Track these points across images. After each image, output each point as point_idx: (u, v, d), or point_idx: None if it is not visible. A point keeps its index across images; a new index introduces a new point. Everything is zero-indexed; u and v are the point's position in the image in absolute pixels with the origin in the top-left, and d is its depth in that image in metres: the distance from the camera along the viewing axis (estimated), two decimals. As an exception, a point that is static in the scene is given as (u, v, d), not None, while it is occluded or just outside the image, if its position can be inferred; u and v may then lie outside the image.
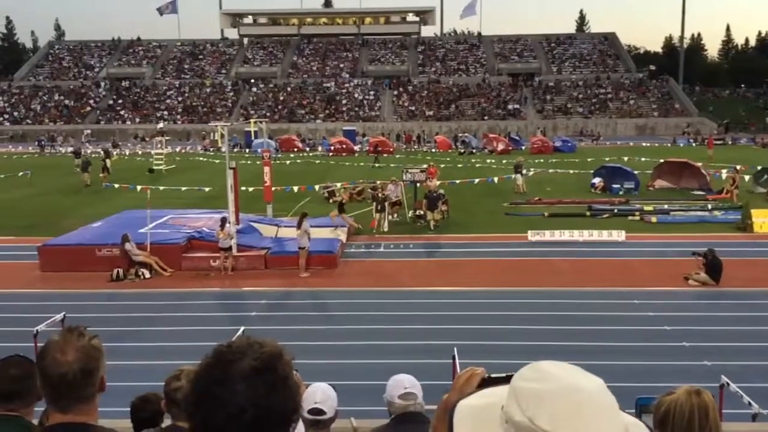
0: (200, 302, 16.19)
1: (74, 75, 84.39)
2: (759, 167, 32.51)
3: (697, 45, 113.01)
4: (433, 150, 55.49)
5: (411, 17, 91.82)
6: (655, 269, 18.06)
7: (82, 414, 2.31)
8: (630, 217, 24.91)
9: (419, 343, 12.72)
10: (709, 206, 26.83)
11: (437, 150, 55.05)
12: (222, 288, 17.42)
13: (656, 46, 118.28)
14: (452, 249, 21.02)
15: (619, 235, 21.45)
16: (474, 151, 52.70)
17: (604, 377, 1.19)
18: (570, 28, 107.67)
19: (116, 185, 33.09)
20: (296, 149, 55.49)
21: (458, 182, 30.26)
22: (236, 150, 51.38)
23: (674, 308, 15.00)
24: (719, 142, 55.78)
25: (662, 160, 34.08)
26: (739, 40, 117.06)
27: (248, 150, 51.70)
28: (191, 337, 13.07)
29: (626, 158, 42.64)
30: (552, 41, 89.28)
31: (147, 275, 18.14)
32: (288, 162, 45.87)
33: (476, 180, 31.02)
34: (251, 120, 32.34)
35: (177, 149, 55.48)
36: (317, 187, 29.78)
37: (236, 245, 18.77)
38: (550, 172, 38.45)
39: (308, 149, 56.79)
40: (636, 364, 11.63)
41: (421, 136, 62.19)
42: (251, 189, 27.33)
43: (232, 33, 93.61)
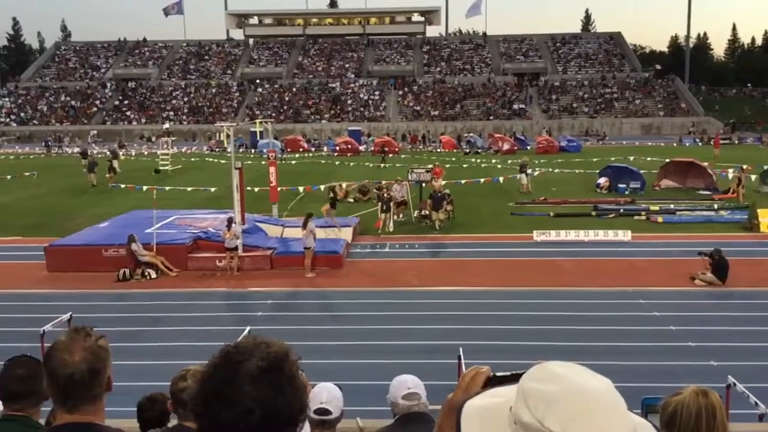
0: (206, 302, 16.22)
1: (80, 76, 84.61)
2: (765, 167, 32.41)
3: (703, 44, 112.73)
4: (439, 150, 55.50)
5: (416, 17, 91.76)
6: (661, 269, 18.02)
7: (89, 414, 2.31)
8: (636, 217, 24.85)
9: (425, 343, 12.72)
10: (716, 206, 26.73)
11: (442, 150, 55.06)
12: (228, 288, 17.45)
13: (662, 46, 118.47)
14: (457, 249, 21.01)
15: (625, 235, 21.40)
16: (479, 151, 52.65)
17: (610, 377, 1.19)
18: (575, 28, 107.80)
19: (122, 186, 33.19)
20: (301, 149, 55.54)
21: (463, 182, 30.22)
22: (242, 150, 51.50)
23: (680, 308, 14.96)
24: (725, 142, 55.59)
25: (668, 160, 33.98)
26: (746, 40, 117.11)
27: (254, 150, 51.82)
28: (197, 337, 13.11)
29: (632, 158, 42.56)
30: (557, 41, 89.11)
31: (153, 275, 18.18)
32: (293, 162, 45.92)
33: (481, 180, 30.99)
34: (257, 120, 32.38)
35: (183, 150, 55.60)
36: (323, 188, 29.78)
37: (242, 245, 18.81)
38: (556, 172, 38.38)
39: (313, 149, 56.85)
40: (642, 364, 11.60)
41: (426, 136, 62.16)
42: (257, 189, 27.37)
43: (238, 34, 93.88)
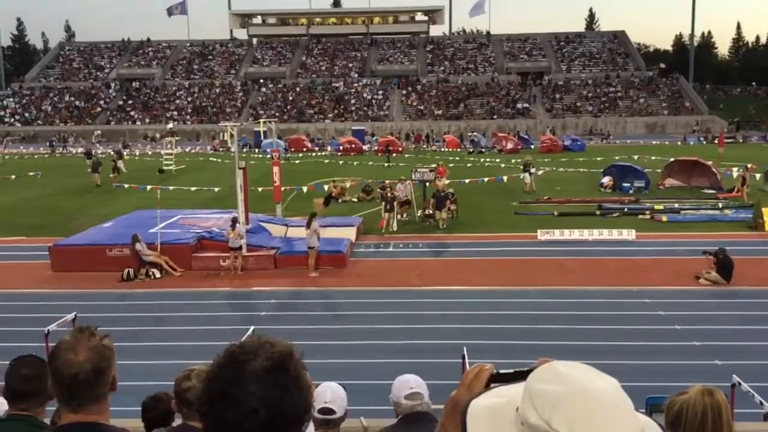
0: (210, 302, 16.24)
1: (84, 76, 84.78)
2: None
3: (708, 43, 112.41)
4: (443, 149, 55.47)
5: (420, 16, 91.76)
6: (666, 268, 17.98)
7: (94, 413, 2.32)
8: (640, 216, 24.80)
9: (429, 343, 12.71)
10: (720, 205, 26.68)
11: (446, 149, 55.03)
12: (232, 288, 17.46)
13: (666, 45, 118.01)
14: (461, 248, 20.99)
15: (630, 234, 21.36)
16: (483, 151, 52.62)
17: (615, 376, 1.18)
18: (579, 27, 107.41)
19: (126, 185, 33.23)
20: (305, 149, 55.56)
21: (467, 181, 30.19)
22: (245, 150, 51.53)
23: (685, 307, 14.93)
24: (730, 141, 55.46)
25: (672, 159, 33.91)
26: (750, 38, 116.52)
27: (257, 150, 51.85)
28: (201, 337, 13.12)
29: (636, 157, 42.51)
30: (561, 40, 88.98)
31: (157, 275, 18.21)
32: (297, 162, 45.94)
33: (485, 179, 30.95)
34: (260, 120, 32.41)
35: (187, 149, 55.66)
36: (326, 187, 29.79)
37: (246, 245, 18.83)
38: (560, 171, 38.33)
39: (317, 149, 56.86)
40: (646, 364, 11.58)
41: (430, 136, 62.13)
42: (260, 189, 27.38)
43: (242, 33, 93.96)
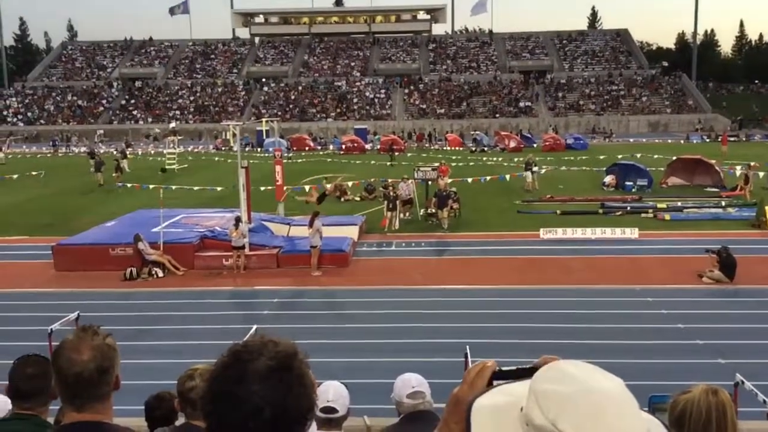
0: (213, 301, 16.26)
1: (87, 75, 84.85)
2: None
3: (711, 41, 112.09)
4: (445, 148, 55.45)
5: (422, 15, 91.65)
6: (669, 267, 17.97)
7: (98, 412, 2.32)
8: (643, 215, 24.76)
9: (431, 342, 12.71)
10: (723, 203, 26.64)
11: (449, 148, 55.01)
12: (234, 287, 17.49)
13: (669, 43, 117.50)
14: (464, 247, 20.99)
15: (632, 233, 21.33)
16: (485, 149, 52.58)
17: (618, 375, 1.18)
18: (582, 25, 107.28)
19: (129, 185, 33.27)
20: (308, 148, 55.57)
21: (470, 180, 30.17)
22: (248, 149, 51.55)
23: (688, 306, 14.92)
24: (733, 139, 55.37)
25: (675, 157, 33.85)
26: (753, 36, 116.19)
27: (260, 149, 51.88)
28: (204, 336, 13.14)
29: (639, 155, 42.44)
30: (564, 38, 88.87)
31: (160, 274, 18.22)
32: (300, 161, 45.94)
33: (488, 178, 30.93)
34: (263, 119, 32.45)
35: (189, 149, 55.70)
36: (329, 186, 29.79)
37: (248, 244, 18.83)
38: (562, 170, 38.29)
39: (320, 148, 56.88)
40: (649, 363, 11.56)
41: (433, 135, 62.10)
42: (262, 188, 27.39)
43: (244, 32, 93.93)
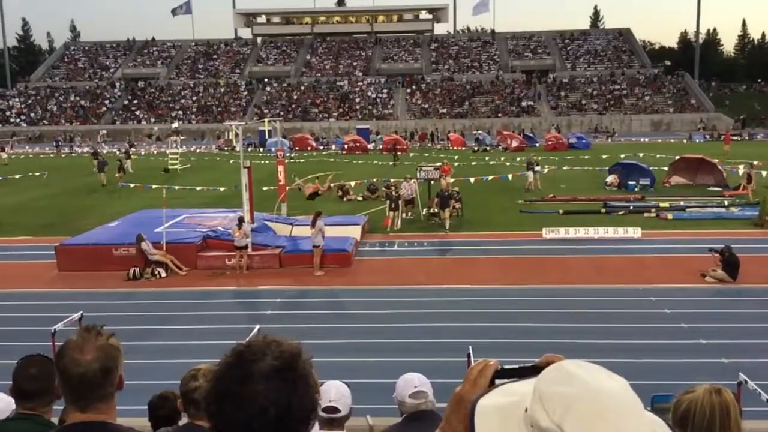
0: (216, 301, 16.28)
1: (90, 76, 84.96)
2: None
3: (713, 40, 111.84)
4: (448, 147, 55.44)
5: (424, 15, 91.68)
6: (672, 266, 17.94)
7: (101, 412, 2.32)
8: (646, 214, 24.72)
9: (434, 341, 12.71)
10: (726, 202, 26.60)
11: (451, 147, 54.99)
12: (237, 287, 17.50)
13: (671, 42, 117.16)
14: (466, 247, 20.98)
15: (635, 232, 21.32)
16: (488, 149, 52.57)
17: (620, 375, 1.18)
18: (584, 24, 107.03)
19: (132, 185, 33.31)
20: (310, 148, 55.58)
21: (472, 180, 30.15)
22: (250, 149, 51.58)
23: (691, 305, 14.90)
24: (736, 138, 55.27)
25: (678, 157, 33.82)
26: (756, 35, 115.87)
27: (262, 149, 51.90)
28: (207, 336, 13.15)
29: (641, 154, 42.39)
30: (566, 37, 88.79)
31: (163, 274, 18.24)
32: (301, 161, 45.95)
33: (490, 177, 30.91)
34: (265, 119, 32.43)
35: (192, 149, 55.75)
36: (332, 186, 29.79)
37: (251, 244, 18.84)
38: (565, 169, 38.26)
39: (322, 148, 56.88)
40: (652, 362, 11.55)
41: (435, 134, 62.08)
42: (265, 188, 27.41)
43: (246, 32, 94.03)
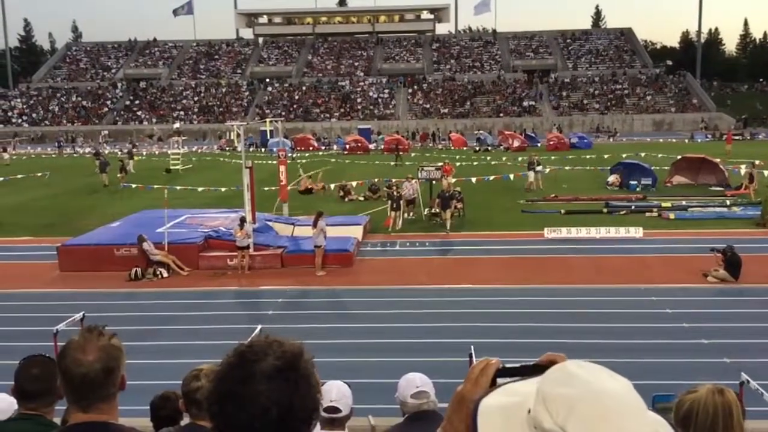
0: (218, 301, 16.29)
1: (91, 76, 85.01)
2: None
3: (715, 40, 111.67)
4: (449, 147, 55.42)
5: (425, 15, 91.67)
6: (673, 266, 17.92)
7: (103, 413, 2.33)
8: (647, 214, 24.70)
9: (435, 341, 12.71)
10: (728, 202, 26.58)
11: (453, 147, 54.98)
12: (239, 287, 17.50)
13: (673, 42, 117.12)
14: (468, 246, 20.97)
15: (637, 232, 21.30)
16: (489, 149, 52.56)
17: (623, 375, 1.18)
18: (586, 24, 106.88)
19: (134, 185, 33.33)
20: (312, 148, 55.59)
21: (474, 180, 30.14)
22: (252, 149, 51.58)
23: (693, 305, 14.89)
24: (737, 138, 55.21)
25: (680, 156, 33.79)
26: (757, 35, 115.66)
27: (263, 149, 51.92)
28: (209, 336, 13.16)
29: (643, 154, 42.35)
30: (567, 37, 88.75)
31: (165, 274, 18.26)
32: (303, 161, 45.94)
33: (491, 177, 30.90)
34: (266, 119, 32.45)
35: (193, 149, 55.78)
36: (332, 186, 29.82)
37: (252, 244, 18.85)
38: (566, 169, 38.24)
39: (323, 148, 56.90)
40: (654, 362, 11.54)
41: (436, 134, 62.07)
42: (266, 188, 27.41)
43: (247, 33, 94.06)
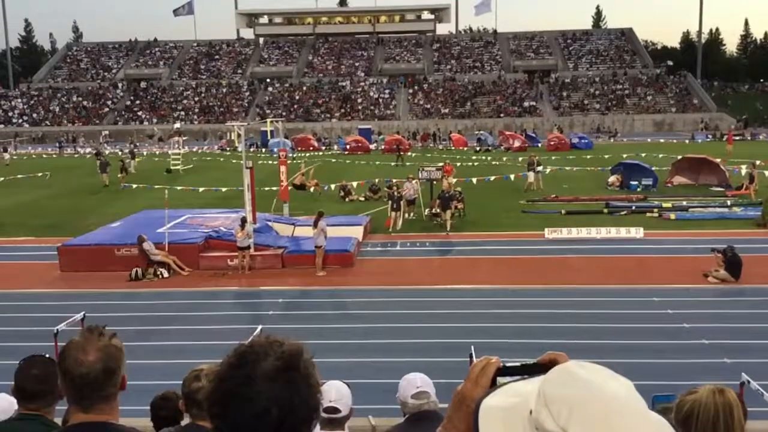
0: (218, 301, 16.29)
1: (92, 76, 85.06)
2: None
3: (716, 40, 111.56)
4: (450, 148, 55.42)
5: (426, 15, 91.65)
6: (674, 266, 17.91)
7: (104, 413, 2.33)
8: (648, 214, 24.69)
9: (436, 342, 12.71)
10: (729, 202, 26.57)
11: (453, 148, 54.99)
12: (239, 287, 17.51)
13: (674, 42, 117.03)
14: (468, 247, 20.97)
15: (637, 232, 21.29)
16: (490, 149, 52.57)
17: (623, 375, 1.18)
18: (586, 24, 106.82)
19: (134, 186, 33.33)
20: (312, 148, 55.59)
21: (474, 180, 30.14)
22: (252, 149, 51.59)
23: (693, 306, 14.88)
24: (738, 138, 55.20)
25: (680, 157, 33.78)
26: (758, 35, 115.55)
27: (264, 149, 51.92)
28: (209, 336, 13.15)
29: (644, 154, 42.34)
30: (568, 37, 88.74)
31: (165, 275, 18.26)
32: (304, 161, 45.90)
33: (492, 177, 30.90)
34: (267, 119, 32.47)
35: (194, 149, 55.79)
36: (333, 186, 29.81)
37: (253, 244, 18.85)
38: (567, 169, 38.23)
39: (324, 148, 56.89)
40: (655, 362, 11.53)
41: (437, 135, 62.06)
42: (266, 188, 27.40)
43: (248, 33, 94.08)
